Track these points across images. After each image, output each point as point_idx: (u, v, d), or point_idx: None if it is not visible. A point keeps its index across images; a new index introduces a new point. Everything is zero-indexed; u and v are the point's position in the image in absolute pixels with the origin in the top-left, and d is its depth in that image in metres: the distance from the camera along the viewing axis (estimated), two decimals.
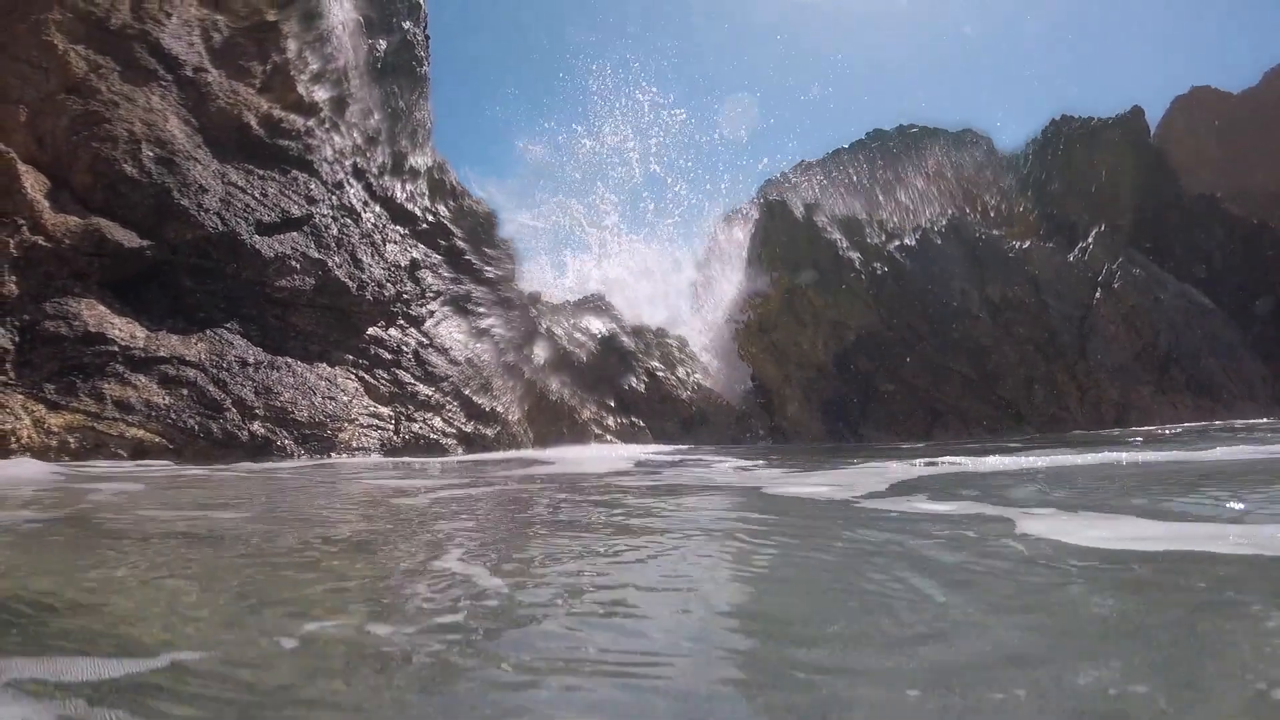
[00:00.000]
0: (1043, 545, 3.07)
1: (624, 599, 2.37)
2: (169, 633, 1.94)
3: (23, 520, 3.90)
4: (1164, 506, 4.19)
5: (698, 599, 2.38)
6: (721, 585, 2.67)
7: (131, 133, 9.47)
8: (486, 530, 3.91)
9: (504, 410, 12.86)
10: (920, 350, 24.37)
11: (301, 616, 2.09)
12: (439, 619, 2.12)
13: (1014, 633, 1.99)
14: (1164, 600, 2.31)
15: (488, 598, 2.34)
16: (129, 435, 7.91)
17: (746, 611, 2.33)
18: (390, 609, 2.28)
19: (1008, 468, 7.12)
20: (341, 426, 9.88)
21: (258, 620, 2.07)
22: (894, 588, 2.41)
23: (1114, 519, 3.79)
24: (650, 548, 3.24)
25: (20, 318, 8.03)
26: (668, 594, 2.47)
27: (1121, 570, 2.73)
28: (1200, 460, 7.63)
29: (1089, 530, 3.37)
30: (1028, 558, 2.85)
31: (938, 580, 2.53)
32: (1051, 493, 5.02)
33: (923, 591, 2.38)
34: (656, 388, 18.73)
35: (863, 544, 3.29)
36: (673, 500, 5.18)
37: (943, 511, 4.14)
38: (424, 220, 13.94)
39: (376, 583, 2.62)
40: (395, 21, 15.66)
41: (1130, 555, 2.93)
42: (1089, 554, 2.92)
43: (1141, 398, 22.78)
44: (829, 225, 27.88)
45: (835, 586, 2.56)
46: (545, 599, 2.39)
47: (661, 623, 2.11)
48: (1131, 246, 27.01)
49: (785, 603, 2.43)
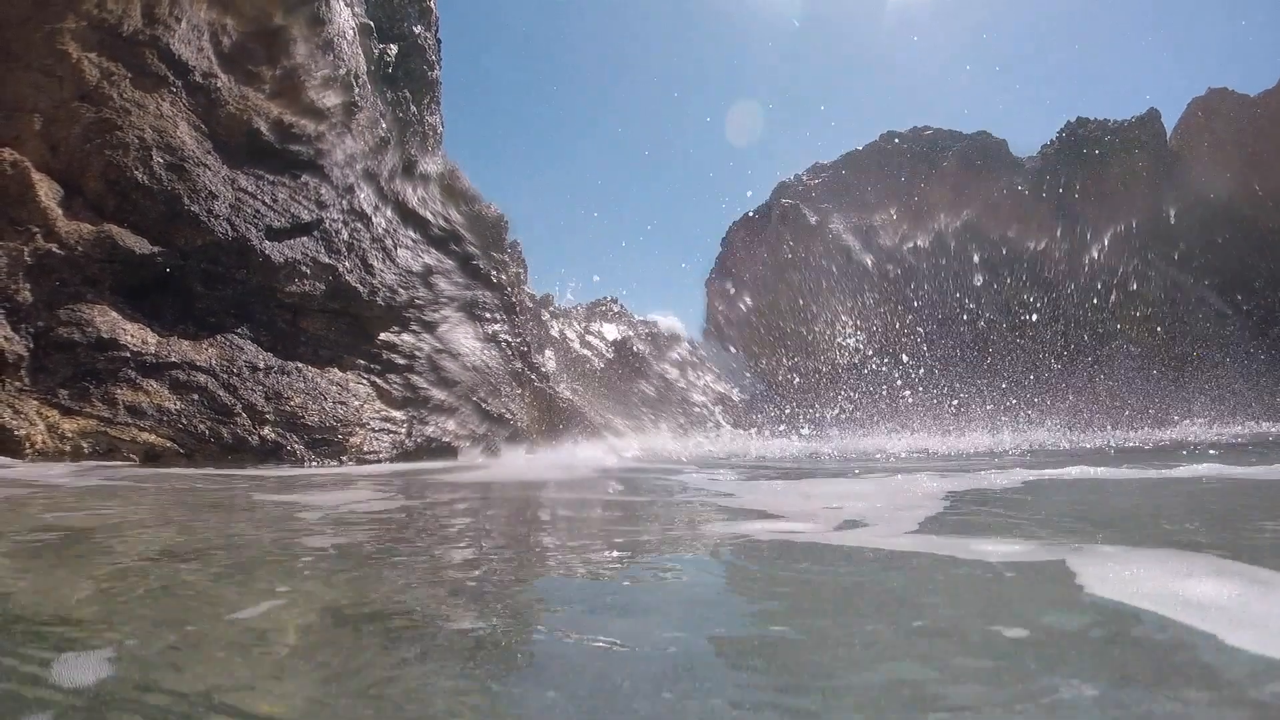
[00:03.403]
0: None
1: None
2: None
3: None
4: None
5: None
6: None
7: (142, 140, 9.53)
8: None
9: (513, 415, 12.87)
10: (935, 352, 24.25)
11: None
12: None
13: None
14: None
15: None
16: (140, 440, 7.96)
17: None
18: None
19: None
20: (353, 431, 9.91)
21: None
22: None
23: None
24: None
25: (34, 324, 8.09)
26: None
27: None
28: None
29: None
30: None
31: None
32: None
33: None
34: (668, 391, 18.71)
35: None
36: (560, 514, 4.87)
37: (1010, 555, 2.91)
38: (436, 225, 13.97)
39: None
40: (406, 26, 15.73)
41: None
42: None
43: (1157, 401, 22.59)
44: (842, 229, 27.81)
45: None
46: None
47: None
48: (1147, 248, 26.80)
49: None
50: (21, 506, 4.61)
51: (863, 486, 6.13)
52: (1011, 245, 27.32)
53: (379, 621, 2.11)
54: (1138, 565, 2.48)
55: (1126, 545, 2.96)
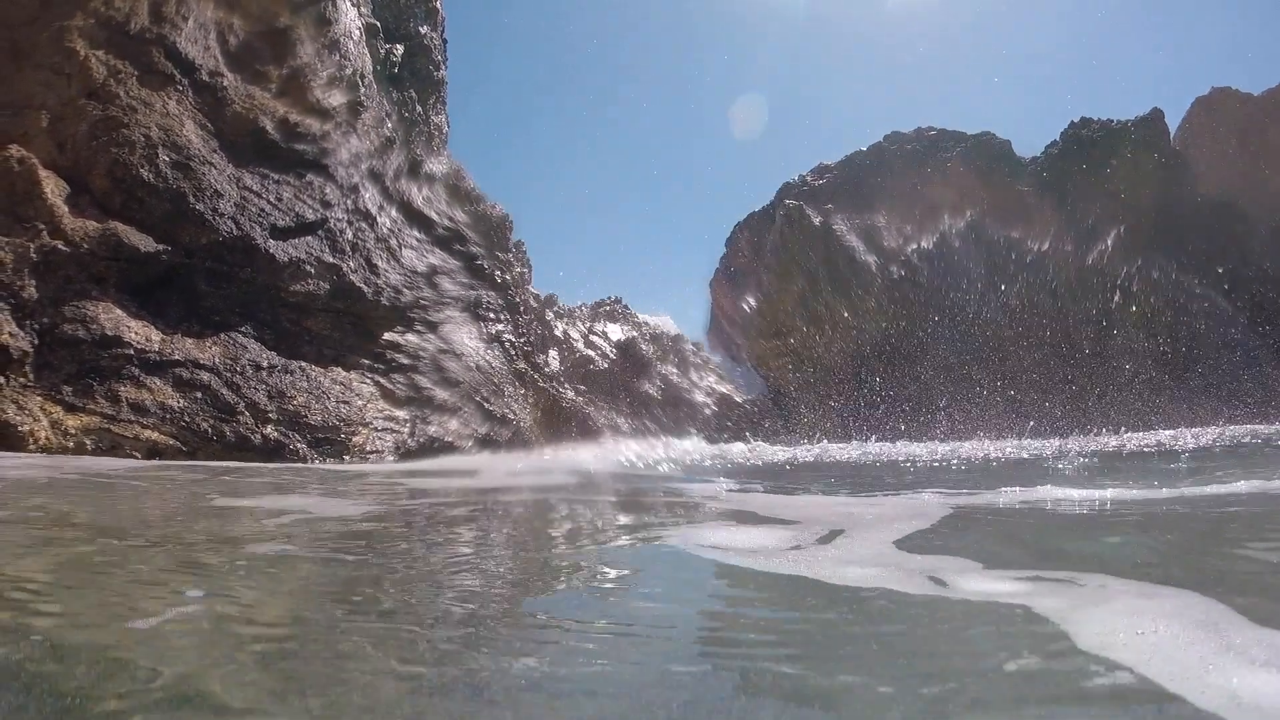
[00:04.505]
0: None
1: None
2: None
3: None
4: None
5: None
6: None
7: (148, 138, 9.56)
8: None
9: (515, 416, 12.89)
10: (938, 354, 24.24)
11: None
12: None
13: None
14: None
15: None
16: (143, 437, 7.99)
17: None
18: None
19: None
20: (356, 430, 9.93)
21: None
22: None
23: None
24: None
25: (40, 320, 8.12)
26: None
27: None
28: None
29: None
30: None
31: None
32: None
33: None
34: (671, 391, 18.73)
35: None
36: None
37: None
38: (441, 225, 14.00)
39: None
40: (412, 26, 15.75)
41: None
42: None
43: (1160, 403, 22.55)
44: (846, 229, 27.80)
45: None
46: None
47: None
48: (1151, 249, 26.74)
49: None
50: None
51: (852, 506, 5.26)
52: (1016, 246, 27.28)
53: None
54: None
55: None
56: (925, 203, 28.71)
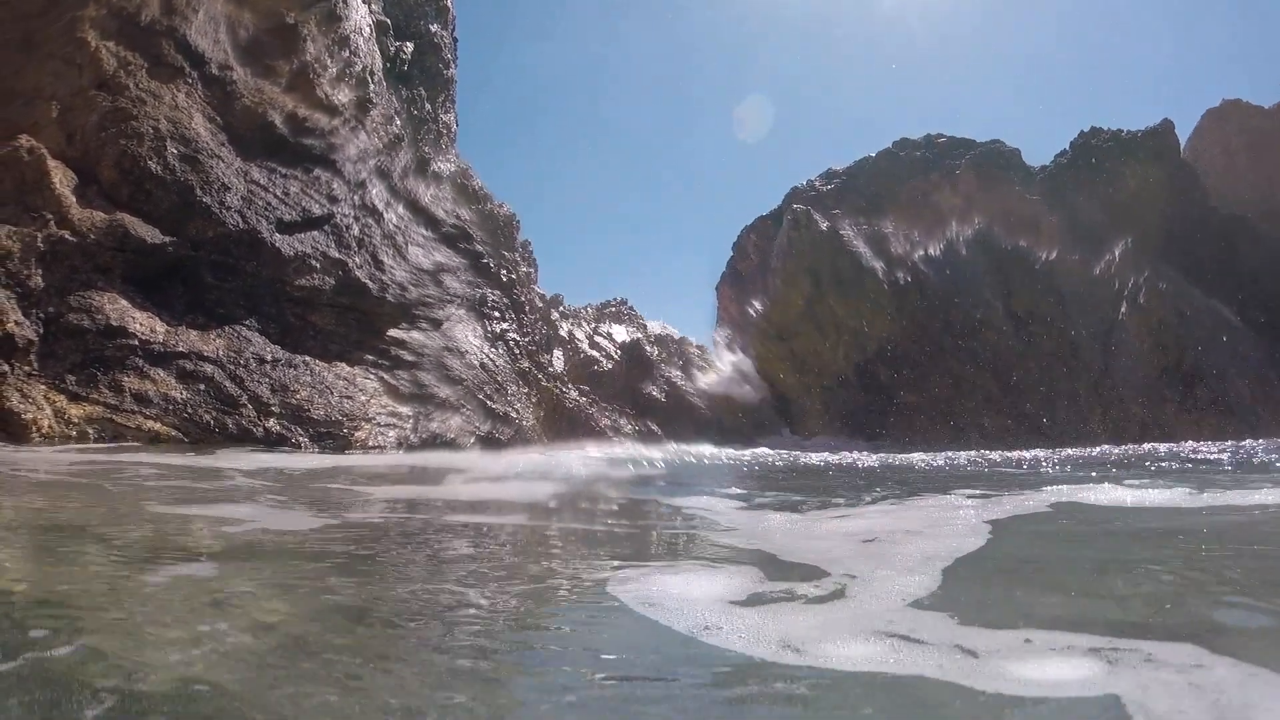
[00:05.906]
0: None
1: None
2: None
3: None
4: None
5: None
6: None
7: (157, 130, 9.59)
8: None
9: (518, 414, 12.89)
10: (943, 362, 24.19)
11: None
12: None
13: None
14: None
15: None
16: (146, 428, 7.99)
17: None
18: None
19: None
20: (358, 425, 9.93)
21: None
22: None
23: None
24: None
25: (45, 310, 8.14)
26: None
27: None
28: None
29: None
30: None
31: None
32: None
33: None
34: (675, 394, 18.72)
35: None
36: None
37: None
38: (447, 223, 14.02)
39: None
40: (422, 23, 15.80)
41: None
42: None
43: (1166, 416, 22.47)
44: (853, 235, 27.76)
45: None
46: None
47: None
48: (1159, 260, 26.64)
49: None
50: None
51: (850, 525, 4.35)
52: (1023, 255, 27.19)
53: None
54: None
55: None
56: (933, 210, 28.66)
